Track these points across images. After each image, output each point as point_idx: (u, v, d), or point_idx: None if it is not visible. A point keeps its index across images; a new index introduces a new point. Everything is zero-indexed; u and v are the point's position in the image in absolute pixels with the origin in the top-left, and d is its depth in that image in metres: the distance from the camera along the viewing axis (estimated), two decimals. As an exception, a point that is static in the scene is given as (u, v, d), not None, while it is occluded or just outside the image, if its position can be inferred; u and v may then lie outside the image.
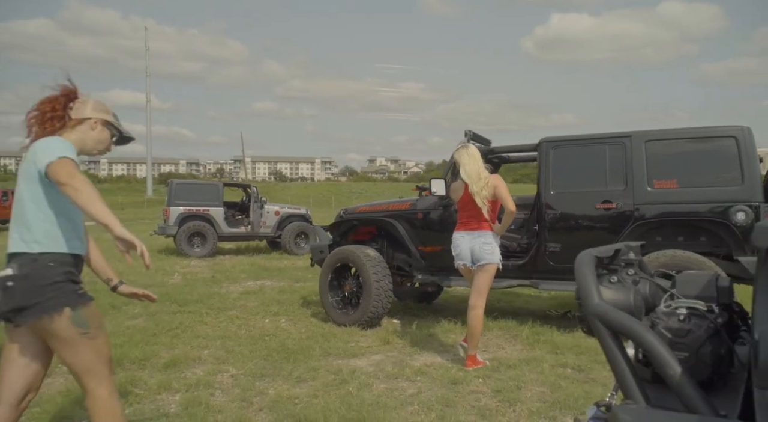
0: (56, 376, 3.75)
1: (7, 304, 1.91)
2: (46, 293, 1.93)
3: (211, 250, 11.47)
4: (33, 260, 1.94)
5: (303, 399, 3.25)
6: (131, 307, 6.04)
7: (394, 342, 4.59)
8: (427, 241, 5.17)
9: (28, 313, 1.92)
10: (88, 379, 2.03)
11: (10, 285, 1.90)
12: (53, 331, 1.96)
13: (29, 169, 1.99)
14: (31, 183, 1.99)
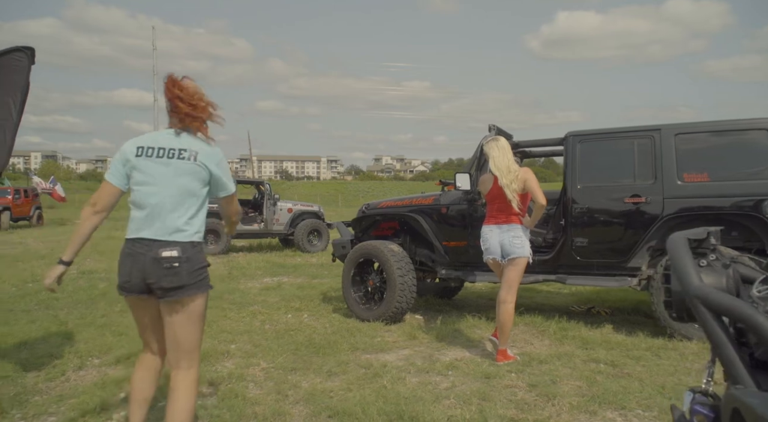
0: (89, 369, 3.76)
1: (171, 282, 2.18)
2: (201, 275, 2.25)
3: (224, 247, 11.48)
4: (193, 246, 2.25)
5: (337, 392, 3.23)
6: (153, 302, 6.05)
7: (420, 337, 4.57)
8: (452, 236, 5.15)
9: (185, 291, 2.21)
10: (188, 357, 2.29)
11: (176, 266, 2.18)
12: (192, 308, 2.26)
13: (200, 171, 2.26)
14: (197, 182, 2.27)
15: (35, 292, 6.67)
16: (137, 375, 2.46)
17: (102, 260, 10.03)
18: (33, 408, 3.02)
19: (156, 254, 2.18)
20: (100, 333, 4.64)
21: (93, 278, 7.96)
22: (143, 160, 2.27)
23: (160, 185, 2.25)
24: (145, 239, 2.22)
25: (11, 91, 2.90)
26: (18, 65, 2.91)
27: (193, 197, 2.27)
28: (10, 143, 2.92)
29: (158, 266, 2.17)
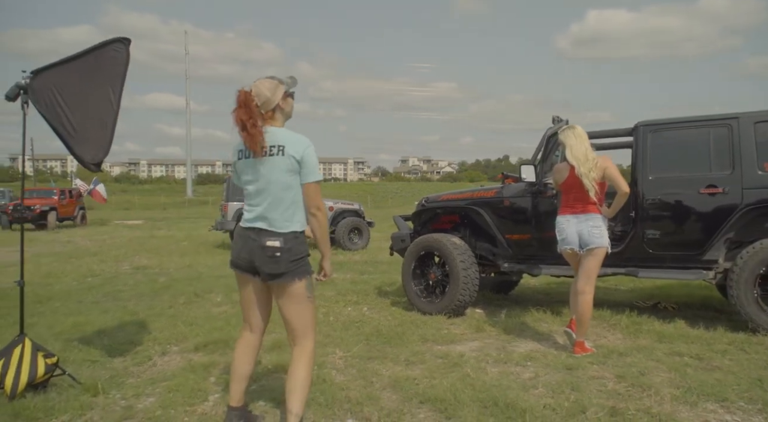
0: (171, 355, 3.85)
1: (272, 269, 2.37)
2: (301, 263, 2.41)
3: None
4: (295, 237, 2.40)
5: (421, 380, 3.23)
6: (213, 295, 6.17)
7: (487, 329, 4.54)
8: (515, 229, 5.09)
9: (285, 277, 2.38)
10: (302, 334, 2.45)
11: (278, 255, 2.35)
12: (293, 292, 2.40)
13: (291, 164, 2.37)
14: (291, 175, 2.39)
15: (99, 285, 6.89)
16: (238, 353, 2.59)
17: (152, 257, 10.30)
18: (130, 390, 3.10)
19: (262, 242, 2.38)
20: (171, 323, 4.76)
21: (149, 273, 8.16)
22: (245, 161, 2.46)
23: (260, 182, 2.41)
24: (254, 228, 2.42)
25: (111, 82, 3.00)
26: (117, 56, 3.00)
27: (290, 189, 2.40)
28: (110, 134, 3.01)
29: (263, 254, 2.38)
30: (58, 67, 2.98)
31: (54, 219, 19.16)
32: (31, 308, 5.42)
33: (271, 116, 2.43)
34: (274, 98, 2.42)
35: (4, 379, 2.86)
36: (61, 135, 2.97)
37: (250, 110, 2.36)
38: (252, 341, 2.58)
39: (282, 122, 2.49)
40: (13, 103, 2.90)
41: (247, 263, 2.44)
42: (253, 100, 2.38)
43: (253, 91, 2.41)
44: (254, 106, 2.37)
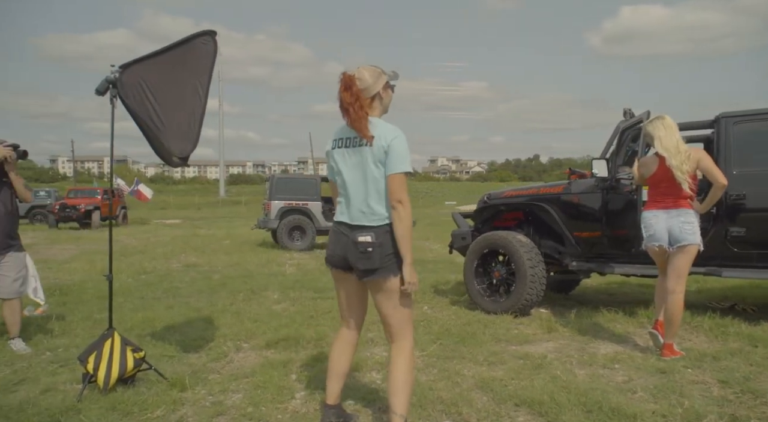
0: (245, 351, 3.83)
1: (365, 265, 2.27)
2: (392, 258, 2.27)
3: (310, 243, 11.66)
4: (386, 232, 2.27)
5: (509, 381, 3.11)
6: (270, 293, 6.18)
7: (559, 330, 4.38)
8: (584, 226, 4.91)
9: (379, 273, 2.27)
10: (399, 331, 2.34)
11: (370, 251, 2.25)
12: (388, 288, 2.29)
13: (380, 154, 2.24)
14: (379, 166, 2.26)
15: (156, 282, 6.98)
16: (335, 350, 2.52)
17: (199, 255, 10.43)
18: (215, 386, 3.08)
19: (354, 237, 2.29)
20: (236, 319, 4.75)
21: (201, 271, 8.25)
22: (337, 151, 2.39)
23: (351, 173, 2.33)
24: (345, 223, 2.34)
25: (198, 74, 2.98)
26: (204, 49, 2.98)
27: (380, 181, 2.28)
28: (198, 127, 2.99)
29: (355, 250, 2.29)
30: (146, 61, 2.98)
31: (98, 218, 19.68)
32: (97, 303, 5.51)
33: (369, 104, 2.33)
34: (375, 86, 2.33)
35: (96, 372, 2.87)
36: (149, 128, 2.97)
37: (354, 93, 2.28)
38: (350, 338, 2.51)
39: (379, 112, 2.38)
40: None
41: (341, 260, 2.37)
42: (356, 84, 2.30)
43: (356, 75, 2.32)
44: (358, 90, 2.29)
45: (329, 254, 2.43)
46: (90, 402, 2.77)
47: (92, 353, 2.93)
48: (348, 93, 2.28)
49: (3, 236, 3.81)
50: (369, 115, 2.31)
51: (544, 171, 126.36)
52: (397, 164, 2.23)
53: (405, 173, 2.24)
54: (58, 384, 3.10)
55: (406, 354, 2.33)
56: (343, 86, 2.30)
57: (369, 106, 2.33)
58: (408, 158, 2.27)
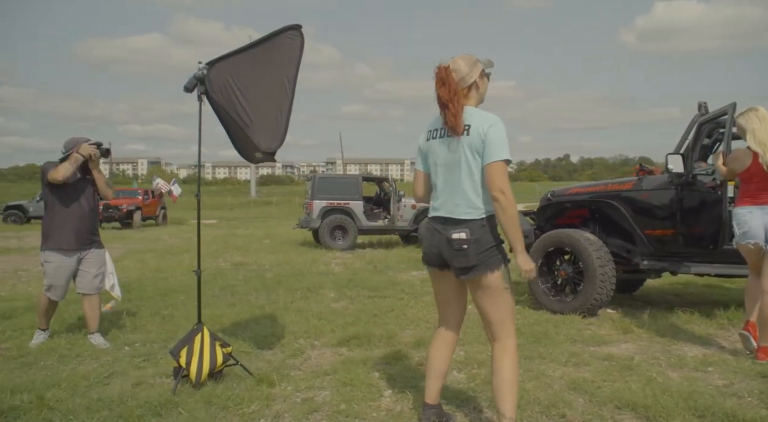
0: (320, 349, 3.81)
1: (460, 262, 2.20)
2: (492, 253, 2.19)
3: (352, 243, 11.67)
4: (482, 226, 2.19)
5: (601, 383, 3.00)
6: (326, 291, 6.18)
7: (635, 331, 4.23)
8: (656, 224, 4.74)
9: (477, 270, 2.19)
10: (501, 329, 2.25)
11: (465, 248, 2.16)
12: (487, 285, 2.20)
13: (476, 143, 2.16)
14: (475, 156, 2.18)
15: (211, 280, 7.06)
16: (434, 349, 2.45)
17: (244, 254, 10.54)
18: (300, 382, 3.06)
19: (448, 234, 2.21)
20: (301, 317, 4.75)
21: (250, 269, 8.33)
22: (432, 143, 2.32)
23: (446, 165, 2.25)
24: (440, 217, 2.28)
25: (285, 69, 2.97)
26: (291, 43, 2.97)
27: (475, 173, 2.19)
28: (285, 122, 2.98)
29: (449, 247, 2.21)
30: (233, 57, 2.99)
31: (139, 218, 20.13)
32: (160, 300, 5.61)
33: (465, 93, 2.25)
34: (471, 75, 2.25)
35: (189, 367, 2.88)
36: (236, 124, 2.97)
37: (451, 86, 2.20)
38: (449, 337, 2.44)
39: (476, 102, 2.29)
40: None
41: (437, 258, 2.30)
42: (452, 76, 2.22)
43: (451, 66, 2.25)
44: (454, 82, 2.22)
45: (425, 252, 2.36)
46: (185, 395, 2.79)
47: (183, 347, 2.95)
48: (445, 88, 2.21)
49: (86, 232, 3.89)
50: (465, 105, 2.23)
51: (575, 171, 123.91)
52: (496, 152, 2.14)
53: (504, 161, 2.15)
54: (147, 377, 3.14)
55: (512, 354, 2.23)
56: (439, 81, 2.23)
57: (465, 96, 2.26)
58: (506, 146, 2.17)
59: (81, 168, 3.82)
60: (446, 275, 2.33)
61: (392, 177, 13.59)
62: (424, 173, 2.40)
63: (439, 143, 2.28)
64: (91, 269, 3.91)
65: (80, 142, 3.88)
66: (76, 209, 3.84)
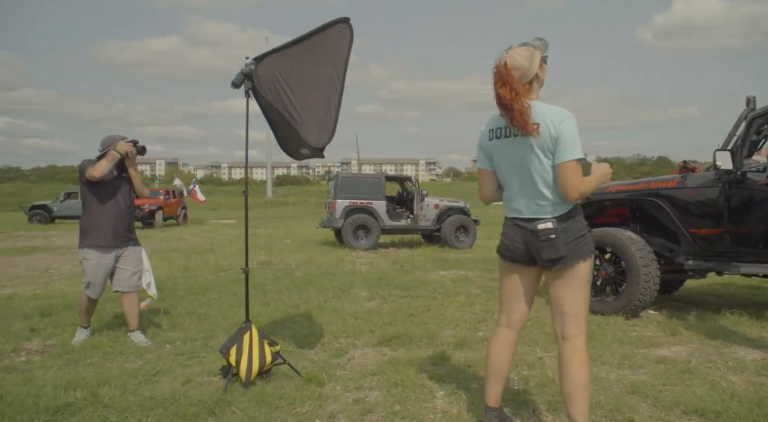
0: (362, 348, 3.75)
1: (549, 254, 2.13)
2: (582, 242, 2.15)
3: (374, 243, 11.61)
4: (569, 215, 2.14)
5: (661, 386, 2.90)
6: (357, 291, 6.13)
7: (683, 333, 4.10)
8: (702, 222, 4.59)
9: (567, 260, 2.13)
10: (576, 324, 2.16)
11: (553, 237, 2.10)
12: (576, 275, 2.14)
13: (546, 141, 2.07)
14: (545, 157, 2.10)
15: (240, 279, 7.05)
16: (495, 350, 2.37)
17: (269, 254, 10.55)
18: (348, 382, 3.01)
19: (533, 226, 2.15)
20: (337, 316, 4.70)
21: (277, 269, 8.33)
22: (495, 143, 2.24)
23: (515, 166, 2.18)
24: (525, 219, 2.20)
25: (334, 63, 2.92)
26: (340, 37, 2.92)
27: (550, 171, 2.11)
28: (335, 116, 2.93)
29: (536, 239, 2.14)
30: (280, 52, 2.95)
31: (161, 218, 20.30)
32: (193, 299, 5.61)
33: (528, 88, 2.14)
34: (532, 68, 2.13)
35: (239, 365, 2.85)
36: (284, 120, 2.92)
37: (513, 85, 2.08)
38: (509, 338, 2.36)
39: (538, 93, 2.18)
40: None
41: (522, 253, 2.21)
42: (512, 74, 2.10)
43: (509, 63, 2.12)
44: (516, 80, 2.09)
45: (507, 248, 2.27)
46: (237, 394, 2.75)
47: (233, 346, 2.92)
48: (506, 89, 2.08)
49: (123, 230, 3.89)
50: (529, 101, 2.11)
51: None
52: (568, 152, 2.05)
53: (578, 161, 2.06)
54: (194, 376, 3.11)
55: (583, 353, 2.14)
56: (499, 81, 2.11)
57: (528, 91, 2.14)
58: (579, 143, 2.07)
59: (117, 166, 3.83)
60: (527, 271, 2.27)
61: (414, 176, 13.50)
62: (491, 172, 2.32)
63: (505, 144, 2.19)
64: (128, 267, 3.91)
65: (117, 140, 3.89)
66: (113, 207, 3.84)
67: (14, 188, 61.01)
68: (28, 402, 2.58)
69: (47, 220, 23.20)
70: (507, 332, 2.37)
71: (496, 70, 2.15)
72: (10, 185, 63.27)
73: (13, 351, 3.72)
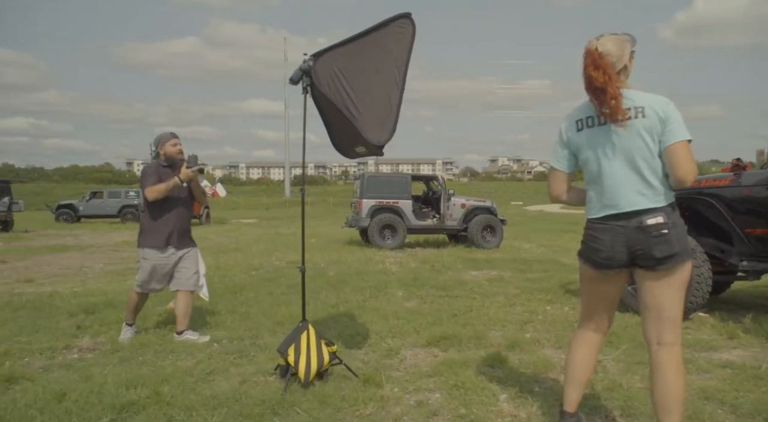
0: (411, 349, 3.69)
1: (663, 250, 1.99)
2: (686, 238, 2.06)
3: (401, 242, 11.55)
4: (673, 209, 2.05)
5: (735, 393, 2.80)
6: (394, 290, 6.07)
7: (741, 336, 3.97)
8: (758, 222, 4.44)
9: (677, 258, 2.01)
10: (673, 328, 2.06)
11: (666, 233, 1.98)
12: (679, 276, 2.04)
13: (653, 125, 2.00)
14: (652, 141, 2.02)
15: (274, 278, 7.07)
16: (577, 355, 2.28)
17: (296, 253, 10.53)
18: (406, 384, 2.96)
19: (640, 222, 2.01)
20: (379, 316, 4.66)
21: (308, 268, 8.23)
22: (585, 133, 2.13)
23: (611, 155, 2.07)
24: (621, 213, 2.05)
25: (396, 59, 2.87)
26: (402, 32, 2.86)
27: (655, 156, 2.02)
28: (395, 114, 2.87)
29: (646, 236, 2.00)
30: (340, 49, 2.90)
31: (185, 217, 20.48)
32: (233, 298, 5.61)
33: (617, 77, 2.07)
34: (623, 57, 2.07)
35: (297, 365, 2.81)
36: (343, 117, 2.88)
37: (606, 70, 2.02)
38: (595, 341, 2.27)
39: (626, 84, 2.10)
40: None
41: (622, 255, 2.05)
42: (605, 60, 2.03)
43: (600, 49, 2.06)
44: (609, 64, 2.03)
45: (599, 253, 2.09)
46: (297, 395, 2.71)
47: (290, 345, 2.88)
48: (599, 72, 2.02)
49: (183, 231, 3.96)
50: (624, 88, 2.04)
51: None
52: (680, 132, 1.98)
53: (688, 141, 1.99)
54: (248, 375, 3.08)
55: (680, 363, 2.03)
56: (591, 65, 2.04)
57: (618, 80, 2.06)
58: (684, 125, 2.01)
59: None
60: (617, 276, 2.14)
61: (442, 176, 13.41)
62: (566, 174, 2.24)
63: (600, 132, 2.08)
64: (191, 267, 3.94)
65: (167, 139, 3.91)
66: (174, 209, 3.89)
67: (38, 187, 62.35)
68: (93, 400, 2.57)
69: (73, 219, 23.62)
70: (593, 335, 2.28)
71: (587, 55, 2.08)
72: (35, 185, 64.64)
73: (65, 348, 3.75)
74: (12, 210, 18.35)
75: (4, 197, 18.31)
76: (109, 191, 24.97)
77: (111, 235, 16.22)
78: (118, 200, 24.00)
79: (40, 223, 22.36)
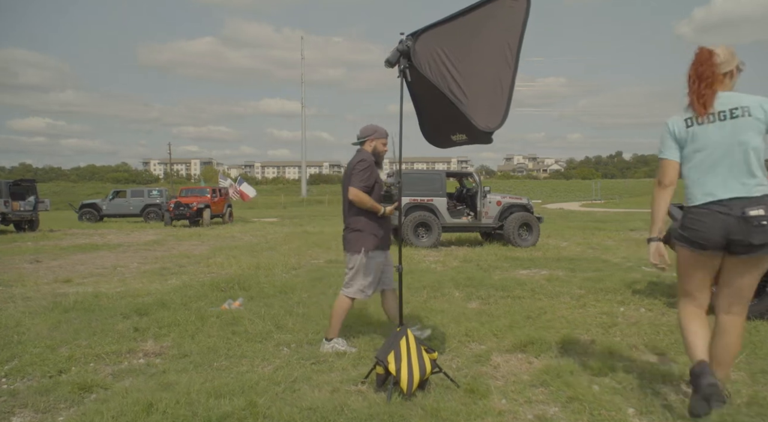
0: (500, 354, 3.43)
1: (761, 239, 2.23)
2: None
3: (435, 240, 11.27)
4: None
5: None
6: (450, 290, 5.81)
7: None
8: None
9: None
10: (742, 304, 2.43)
11: (765, 224, 2.21)
12: (763, 263, 2.33)
13: (757, 123, 2.28)
14: (758, 135, 2.30)
15: (319, 277, 6.86)
16: (691, 324, 2.48)
17: (330, 251, 10.33)
18: (513, 395, 2.69)
19: (743, 212, 2.26)
20: (448, 318, 4.40)
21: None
22: (695, 128, 2.40)
23: (721, 147, 2.34)
24: (725, 199, 2.31)
25: (507, 38, 2.59)
26: (514, 7, 2.59)
27: (759, 150, 2.31)
28: (508, 97, 2.59)
29: (747, 225, 2.26)
30: (442, 26, 2.64)
31: (208, 216, 20.37)
32: (285, 298, 5.39)
33: (721, 79, 2.40)
34: (729, 63, 2.39)
35: (398, 374, 2.56)
36: (447, 101, 2.61)
37: (713, 67, 2.37)
38: (701, 313, 2.51)
39: (731, 88, 2.43)
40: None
41: (721, 240, 2.32)
42: (715, 58, 2.38)
43: (711, 49, 2.43)
44: (716, 64, 2.37)
45: (700, 235, 2.35)
46: (403, 407, 2.46)
47: (390, 352, 2.63)
48: (706, 66, 2.37)
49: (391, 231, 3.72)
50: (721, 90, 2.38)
51: (627, 168, 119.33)
52: None
53: None
54: (336, 383, 2.84)
55: (742, 329, 2.47)
56: (700, 60, 2.39)
57: (721, 81, 2.39)
58: None
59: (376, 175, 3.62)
60: (713, 257, 2.40)
61: (477, 172, 13.10)
62: (677, 163, 2.47)
63: (709, 127, 2.36)
64: (392, 264, 3.71)
65: (382, 136, 3.65)
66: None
67: (57, 187, 63.16)
68: (184, 412, 2.35)
69: (96, 218, 23.67)
70: (696, 310, 2.51)
71: (699, 52, 2.43)
72: (53, 185, 65.51)
73: (129, 352, 3.55)
74: (38, 209, 18.39)
75: (30, 197, 18.36)
76: (132, 191, 25.01)
77: (137, 234, 16.16)
78: (141, 199, 24.03)
79: (64, 223, 22.46)
